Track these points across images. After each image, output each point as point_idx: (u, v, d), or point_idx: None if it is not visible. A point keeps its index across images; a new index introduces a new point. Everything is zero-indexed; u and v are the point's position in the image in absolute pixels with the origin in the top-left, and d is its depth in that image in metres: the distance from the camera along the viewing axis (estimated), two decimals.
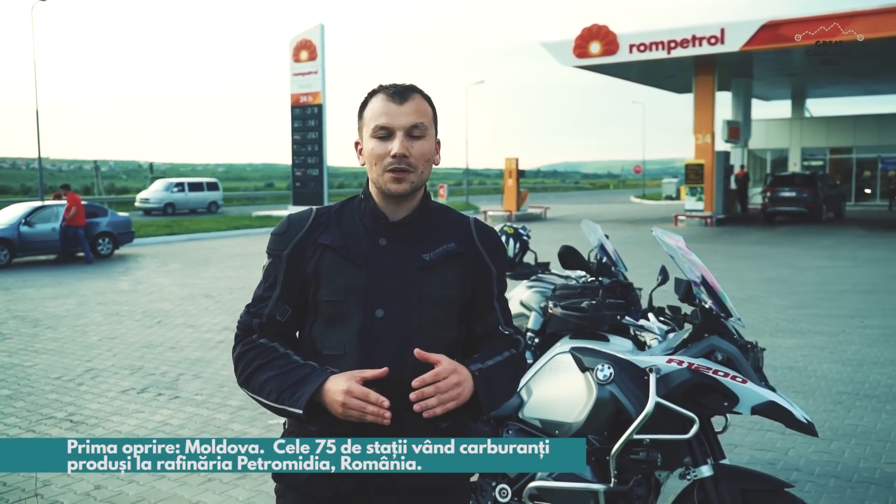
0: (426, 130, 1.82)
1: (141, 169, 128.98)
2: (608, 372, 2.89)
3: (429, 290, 1.82)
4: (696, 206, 24.15)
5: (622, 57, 23.25)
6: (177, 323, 9.27)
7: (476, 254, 1.90)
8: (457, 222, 1.93)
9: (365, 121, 1.85)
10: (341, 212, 1.90)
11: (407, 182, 1.80)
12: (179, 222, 25.59)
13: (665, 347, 2.99)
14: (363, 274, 1.79)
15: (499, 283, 1.94)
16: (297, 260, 1.83)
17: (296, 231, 1.86)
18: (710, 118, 24.00)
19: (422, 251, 1.84)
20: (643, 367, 2.85)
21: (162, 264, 15.71)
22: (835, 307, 9.85)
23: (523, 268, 5.02)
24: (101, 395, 6.30)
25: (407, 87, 1.84)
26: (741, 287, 11.09)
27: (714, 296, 2.96)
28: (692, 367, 2.79)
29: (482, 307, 1.92)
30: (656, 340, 3.12)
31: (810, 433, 2.73)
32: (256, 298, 1.88)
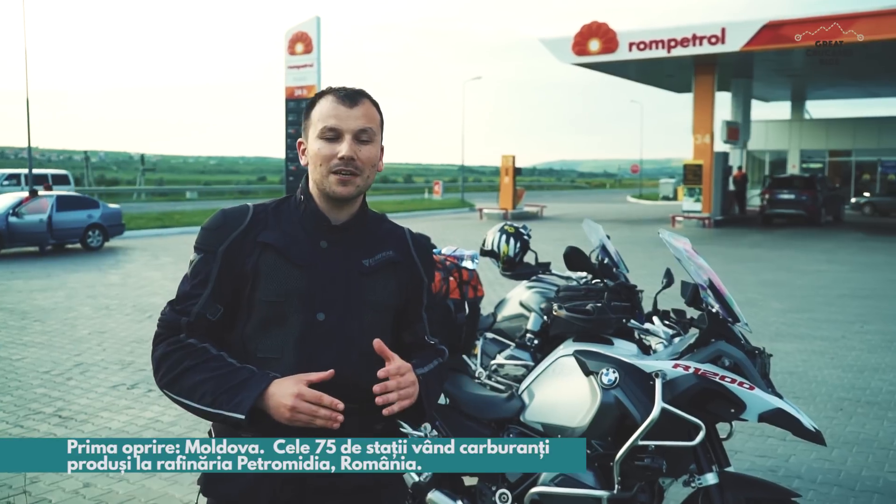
0: (374, 136, 1.84)
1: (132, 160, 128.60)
2: (613, 376, 2.87)
3: (369, 296, 1.83)
4: (694, 207, 24.18)
5: (622, 55, 23.26)
6: None
7: (412, 263, 1.93)
8: (393, 231, 1.96)
9: (312, 121, 1.85)
10: (279, 211, 1.88)
11: (353, 185, 1.81)
12: (171, 215, 25.52)
13: (671, 352, 2.97)
14: (304, 276, 1.78)
15: (428, 293, 1.98)
16: (234, 257, 1.79)
17: (233, 227, 1.82)
18: (709, 118, 24.04)
19: (362, 256, 1.85)
20: (649, 371, 2.84)
21: (153, 257, 15.64)
22: (834, 312, 9.86)
23: (523, 268, 4.99)
24: (91, 391, 6.25)
25: (357, 92, 1.85)
26: (739, 290, 11.08)
27: (721, 300, 2.95)
28: (699, 373, 2.77)
29: (412, 316, 1.95)
30: (662, 345, 3.10)
31: (818, 442, 2.72)
32: (183, 295, 1.81)
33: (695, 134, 24.22)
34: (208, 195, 45.99)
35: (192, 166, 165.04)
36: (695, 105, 24.28)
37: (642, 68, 25.31)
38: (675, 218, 24.73)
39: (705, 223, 23.76)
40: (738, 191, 28.51)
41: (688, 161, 24.52)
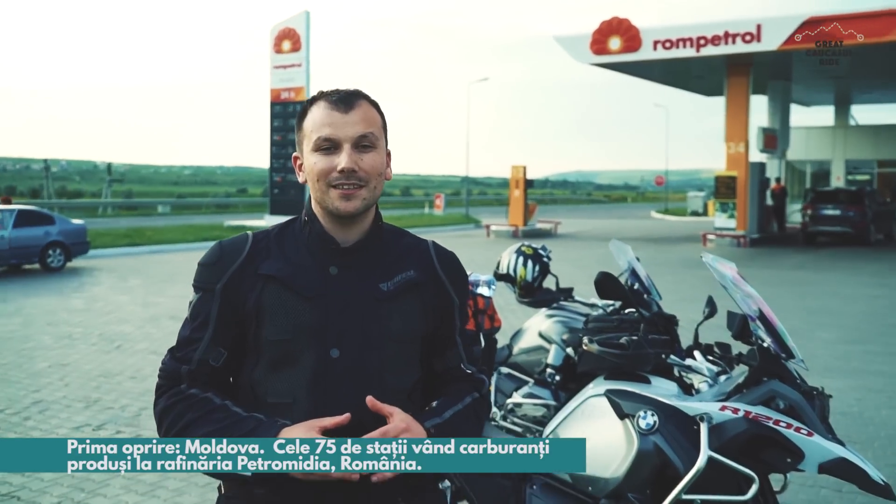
0: (376, 141, 1.83)
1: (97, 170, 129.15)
2: (652, 420, 2.84)
3: (389, 325, 1.82)
4: (728, 223, 24.18)
5: (645, 54, 23.36)
6: (138, 348, 9.18)
7: (437, 282, 1.91)
8: (414, 246, 1.94)
9: (305, 133, 1.84)
10: (281, 237, 1.89)
11: (358, 199, 1.80)
12: (142, 232, 25.54)
13: (717, 392, 2.94)
14: (314, 308, 1.78)
15: (461, 315, 1.97)
16: (234, 294, 1.81)
17: (231, 260, 1.83)
18: (743, 125, 24.09)
19: (378, 280, 1.84)
20: (692, 414, 2.81)
21: (121, 279, 15.63)
22: (891, 343, 9.80)
23: (543, 294, 4.97)
24: (51, 432, 6.19)
25: (352, 93, 1.84)
26: (780, 318, 10.93)
27: (773, 333, 2.92)
28: (750, 417, 2.74)
29: (444, 342, 1.94)
30: (706, 384, 3.09)
31: (887, 496, 2.68)
32: (183, 341, 1.84)
33: (727, 142, 24.27)
34: (183, 209, 46.12)
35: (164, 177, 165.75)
36: (727, 110, 24.35)
37: (668, 69, 25.41)
38: (707, 236, 24.72)
39: (740, 242, 23.75)
40: (776, 206, 28.52)
41: (720, 172, 24.55)
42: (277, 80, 29.59)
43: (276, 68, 29.59)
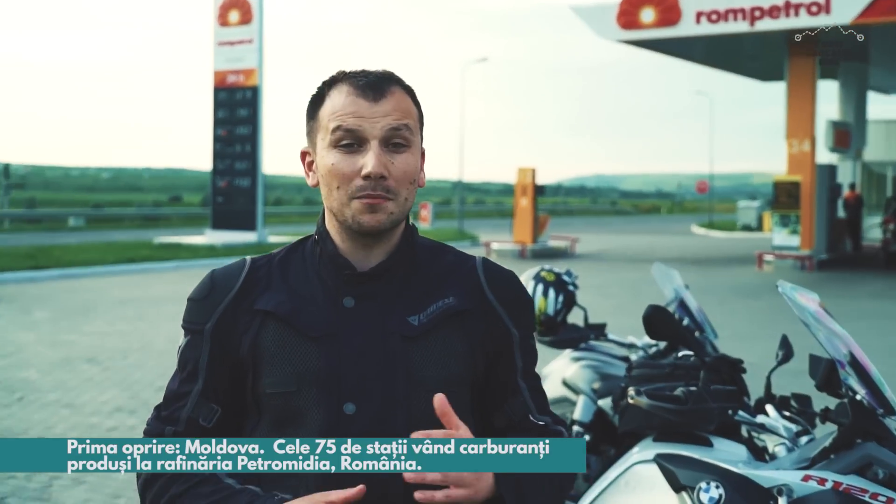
0: (411, 137, 1.83)
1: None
2: (716, 493, 2.85)
3: (421, 371, 1.81)
4: (789, 241, 24.33)
5: (686, 29, 23.57)
6: (48, 400, 9.12)
7: (488, 310, 1.89)
8: (457, 266, 1.93)
9: (320, 123, 1.84)
10: (287, 262, 1.90)
11: (384, 212, 1.79)
12: (48, 251, 25.46)
13: (797, 458, 2.95)
14: (322, 351, 1.80)
15: (524, 352, 1.94)
16: (226, 336, 1.83)
17: (222, 294, 1.85)
18: (809, 118, 24.29)
19: (407, 312, 1.83)
20: (768, 486, 2.81)
21: (23, 312, 15.55)
22: None
23: (568, 331, 4.98)
24: None
25: (383, 77, 1.84)
26: None
27: (868, 382, 2.92)
28: (840, 489, 2.75)
29: (502, 389, 1.92)
30: (783, 446, 3.10)
31: None
32: (170, 396, 1.87)
33: (788, 139, 24.46)
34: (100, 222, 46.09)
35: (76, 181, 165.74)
36: (788, 99, 24.55)
37: (714, 47, 25.62)
38: (763, 257, 24.86)
39: (805, 264, 23.88)
40: (850, 218, 28.73)
41: (779, 177, 24.73)
42: (222, 59, 29.67)
43: (221, 45, 29.69)
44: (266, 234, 29.92)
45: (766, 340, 12.12)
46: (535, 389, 1.95)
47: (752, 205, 48.51)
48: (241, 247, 27.64)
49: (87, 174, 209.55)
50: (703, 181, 60.07)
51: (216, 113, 29.80)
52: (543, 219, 30.05)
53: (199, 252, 26.48)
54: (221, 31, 29.75)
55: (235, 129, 29.37)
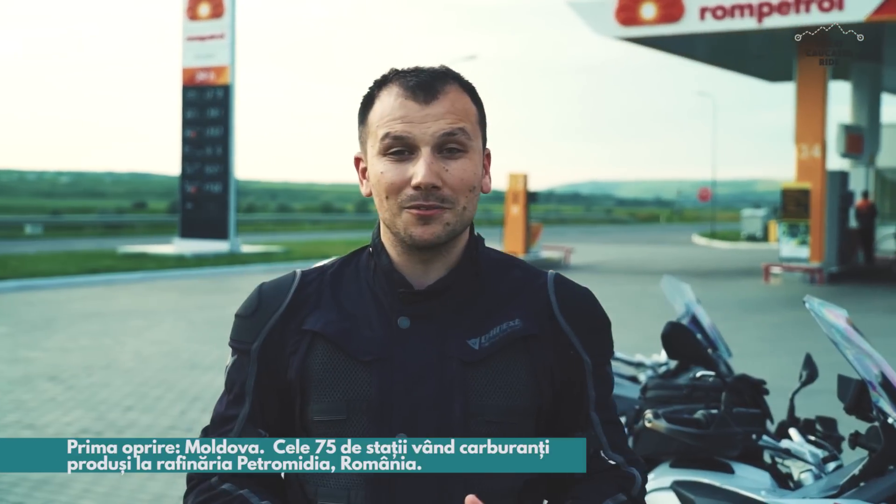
0: (469, 142, 1.80)
1: None
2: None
3: (480, 400, 1.79)
4: (798, 252, 24.40)
5: (689, 26, 23.63)
6: (7, 421, 9.07)
7: (558, 335, 1.85)
8: (525, 283, 1.89)
9: (370, 127, 1.83)
10: (340, 276, 1.89)
11: (439, 224, 1.77)
12: (4, 261, 25.36)
13: (825, 486, 2.95)
14: (375, 377, 1.78)
15: (598, 381, 1.89)
16: (274, 357, 1.83)
17: (269, 311, 1.85)
18: (819, 121, 24.38)
19: (467, 335, 1.81)
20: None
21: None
22: None
23: None
24: None
25: (436, 75, 1.82)
26: None
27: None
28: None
29: (571, 422, 1.88)
30: (809, 473, 3.10)
31: None
32: (217, 419, 1.88)
33: (798, 143, 24.55)
34: (60, 230, 45.90)
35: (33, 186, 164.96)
36: (798, 101, 24.64)
37: (719, 45, 25.72)
38: (770, 269, 24.94)
39: (815, 277, 23.96)
40: (862, 228, 28.84)
41: (788, 184, 24.80)
42: (192, 55, 29.62)
43: (191, 40, 29.64)
44: (239, 244, 29.87)
45: (776, 358, 12.19)
46: (610, 423, 1.89)
47: (758, 213, 48.64)
48: (211, 256, 27.60)
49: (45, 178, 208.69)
50: (705, 188, 60.19)
51: (185, 113, 29.73)
52: (536, 228, 30.08)
53: (167, 262, 26.42)
54: (191, 26, 29.70)
55: (206, 131, 29.31)
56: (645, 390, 3.71)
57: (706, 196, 59.50)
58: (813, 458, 3.12)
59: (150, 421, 8.84)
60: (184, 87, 29.74)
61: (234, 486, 1.81)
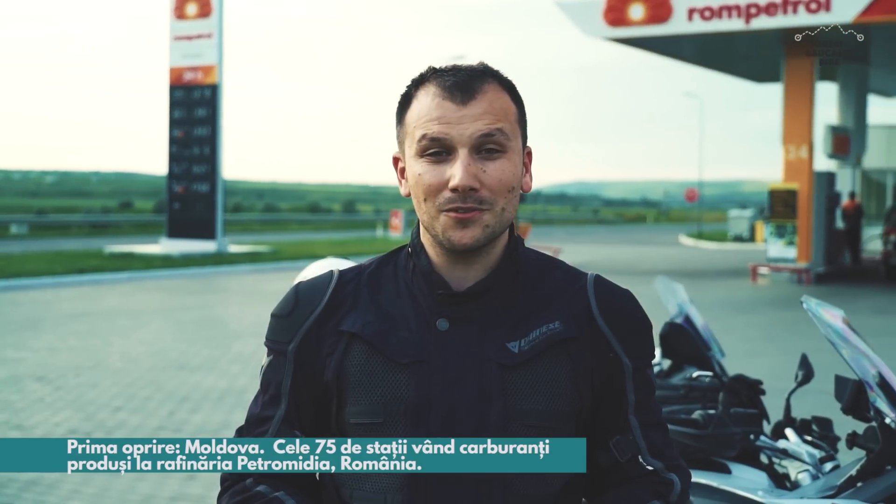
0: (507, 142, 1.78)
1: None
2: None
3: (520, 404, 1.76)
4: (785, 252, 24.47)
5: (677, 26, 23.66)
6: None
7: (597, 338, 1.83)
8: (565, 284, 1.88)
9: (407, 129, 1.81)
10: (378, 276, 1.87)
11: (478, 227, 1.75)
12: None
13: (822, 486, 2.96)
14: (413, 380, 1.77)
15: (638, 384, 1.86)
16: (310, 358, 1.82)
17: (307, 311, 1.84)
18: (806, 122, 24.45)
19: (506, 338, 1.79)
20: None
21: None
22: None
23: None
24: None
25: (474, 73, 1.79)
26: None
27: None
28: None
29: (611, 426, 1.85)
30: (806, 473, 3.11)
31: None
32: (252, 420, 1.88)
33: (785, 144, 24.62)
34: (45, 230, 45.79)
35: (18, 186, 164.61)
36: (785, 102, 24.71)
37: (707, 46, 25.77)
38: (757, 269, 25.01)
39: (802, 277, 24.04)
40: (849, 229, 28.95)
41: (775, 185, 24.87)
42: (179, 55, 29.57)
43: (178, 40, 29.59)
44: (226, 244, 29.83)
45: (767, 358, 12.21)
46: (650, 427, 1.85)
47: (744, 214, 48.75)
48: (199, 256, 27.54)
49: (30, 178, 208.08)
50: (692, 189, 60.33)
51: (172, 113, 29.68)
52: (523, 228, 30.17)
53: (154, 262, 26.36)
54: (178, 25, 29.65)
55: (193, 131, 29.26)
56: None
57: (693, 197, 59.64)
58: (810, 458, 3.12)
59: (139, 421, 8.82)
60: (171, 86, 29.69)
61: (270, 489, 1.80)
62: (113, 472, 1.82)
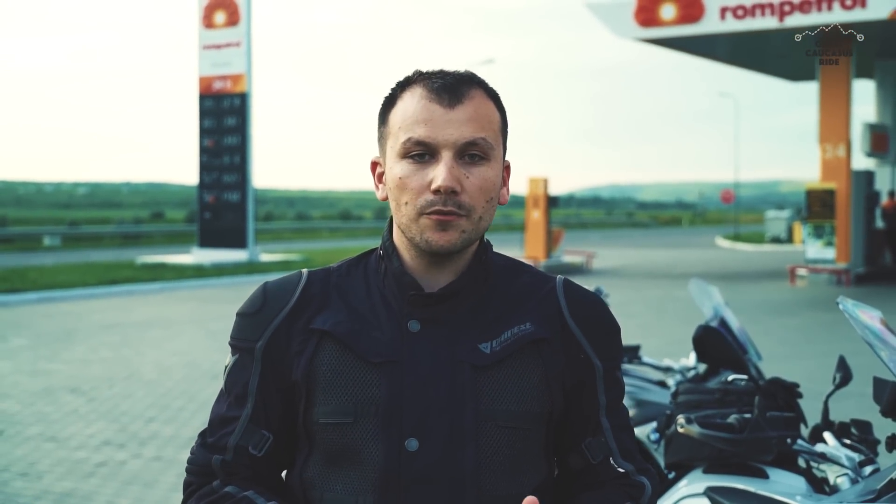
0: (491, 150, 1.81)
1: None
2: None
3: (491, 404, 1.78)
4: (824, 254, 24.30)
5: (709, 26, 23.59)
6: (29, 434, 9.11)
7: (568, 339, 1.86)
8: (535, 287, 1.91)
9: (390, 129, 1.83)
10: (348, 277, 1.89)
11: (455, 231, 1.77)
12: (23, 273, 25.49)
13: (862, 490, 2.93)
14: (384, 380, 1.78)
15: (609, 386, 1.89)
16: (278, 356, 1.82)
17: (275, 309, 1.85)
18: (843, 120, 24.28)
19: (478, 339, 1.81)
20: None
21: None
22: None
23: None
24: None
25: (462, 79, 1.82)
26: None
27: None
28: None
29: (582, 427, 1.89)
30: (845, 478, 3.08)
31: None
32: (216, 421, 1.87)
33: (822, 143, 24.46)
34: (78, 241, 46.12)
35: (50, 197, 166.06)
36: (821, 100, 24.55)
37: (740, 45, 25.67)
38: (795, 271, 24.84)
39: (842, 279, 23.86)
40: (889, 228, 28.69)
41: (812, 184, 24.71)
42: (208, 64, 29.76)
43: (207, 49, 29.78)
44: (258, 252, 29.96)
45: (805, 361, 12.13)
46: (621, 429, 1.90)
47: (782, 215, 48.48)
48: (230, 266, 27.67)
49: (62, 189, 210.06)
50: (728, 190, 60.07)
51: (202, 122, 29.85)
52: (557, 233, 30.05)
53: (186, 272, 26.50)
54: (206, 34, 29.83)
55: (223, 140, 29.42)
56: (676, 395, 3.69)
57: (729, 198, 59.37)
58: (849, 461, 3.10)
59: (173, 432, 8.87)
60: (200, 95, 29.87)
61: (238, 489, 1.80)
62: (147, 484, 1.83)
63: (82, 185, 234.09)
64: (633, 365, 5.04)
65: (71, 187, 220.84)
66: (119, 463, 7.85)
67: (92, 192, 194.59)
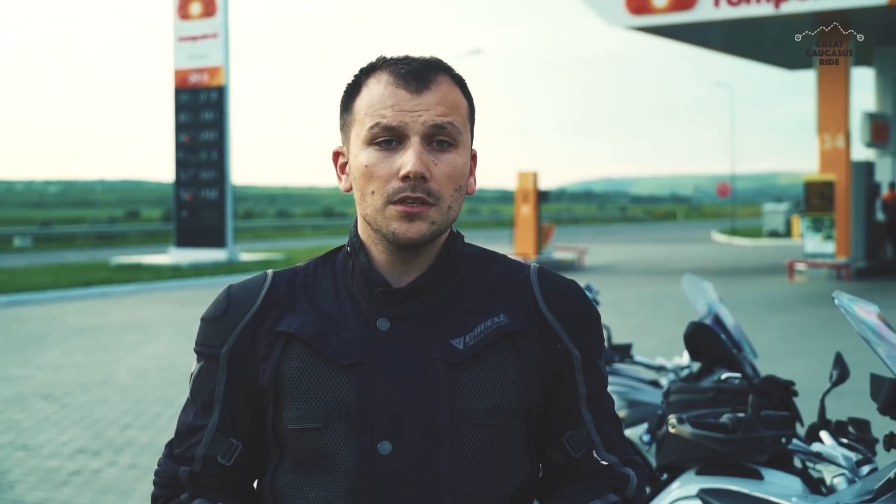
0: (459, 136, 1.80)
1: None
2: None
3: (467, 402, 1.78)
4: (823, 247, 24.35)
5: (703, 13, 23.61)
6: (0, 442, 9.08)
7: (544, 329, 1.85)
8: (507, 277, 1.90)
9: (355, 116, 1.82)
10: (315, 276, 1.88)
11: (424, 221, 1.77)
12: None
13: (860, 490, 2.94)
14: (353, 381, 1.77)
15: (589, 376, 1.88)
16: (244, 361, 1.82)
17: (240, 312, 1.84)
18: (842, 109, 24.33)
19: (450, 334, 1.81)
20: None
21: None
22: None
23: None
24: None
25: (428, 64, 1.82)
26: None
27: None
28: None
29: (562, 420, 1.88)
30: (842, 478, 3.09)
31: None
32: (183, 431, 1.86)
33: (820, 133, 24.51)
34: (49, 241, 45.97)
35: (21, 196, 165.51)
36: (819, 89, 24.60)
37: (734, 33, 25.70)
38: (794, 266, 24.89)
39: (841, 273, 23.93)
40: (890, 221, 28.77)
41: (810, 176, 24.77)
42: (184, 56, 29.67)
43: (182, 41, 29.69)
44: (237, 252, 29.89)
45: (803, 359, 12.16)
46: (603, 420, 1.88)
47: (779, 208, 48.55)
48: (209, 266, 27.59)
49: (33, 188, 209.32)
50: (724, 183, 60.19)
51: (178, 117, 29.76)
52: (548, 228, 30.08)
53: (163, 273, 26.41)
54: (182, 25, 29.74)
55: (200, 135, 29.34)
56: (668, 394, 3.69)
57: (725, 191, 59.49)
58: (846, 461, 3.10)
59: (150, 439, 8.85)
60: (176, 89, 29.77)
61: (207, 501, 1.81)
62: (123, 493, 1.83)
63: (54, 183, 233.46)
64: (625, 364, 5.06)
65: (42, 185, 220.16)
66: (94, 471, 7.83)
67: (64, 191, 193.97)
